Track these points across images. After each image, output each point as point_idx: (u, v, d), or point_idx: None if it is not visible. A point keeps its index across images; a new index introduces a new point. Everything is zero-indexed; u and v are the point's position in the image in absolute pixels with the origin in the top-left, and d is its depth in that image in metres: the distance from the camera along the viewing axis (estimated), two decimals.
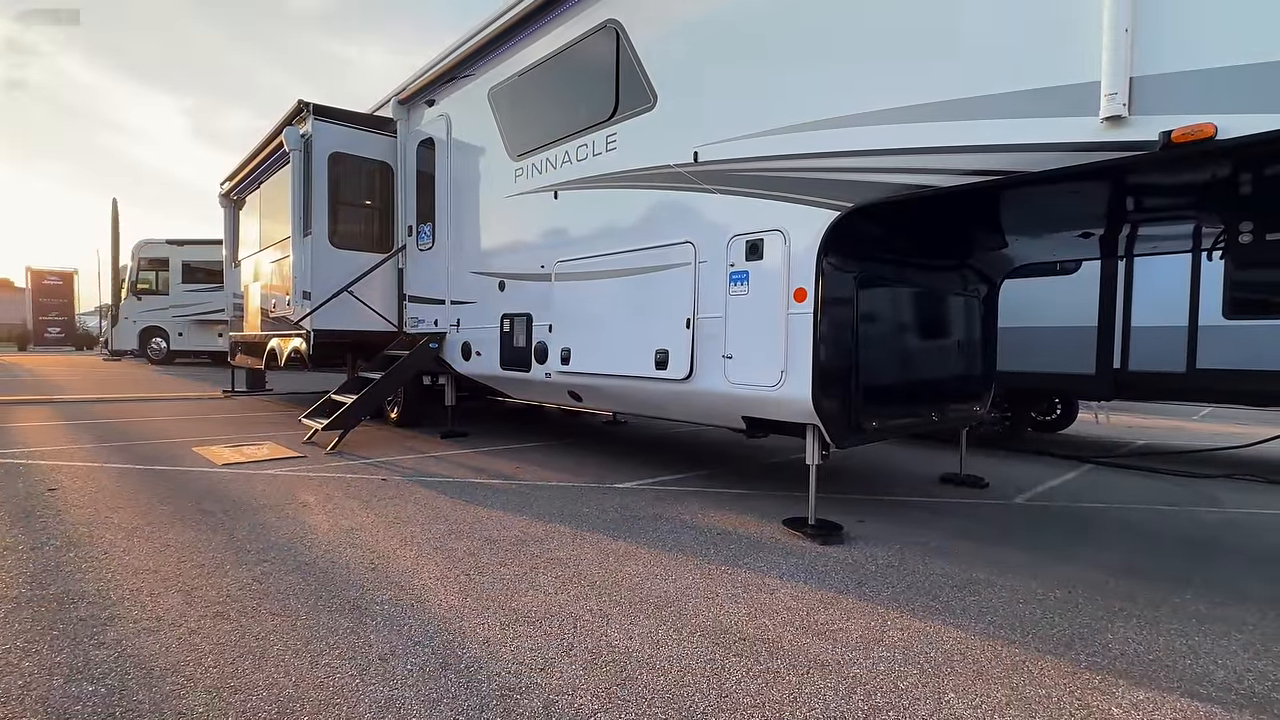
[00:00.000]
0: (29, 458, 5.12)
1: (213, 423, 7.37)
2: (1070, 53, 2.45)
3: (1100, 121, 2.35)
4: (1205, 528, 3.94)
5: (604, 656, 2.14)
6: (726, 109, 3.75)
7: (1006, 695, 1.96)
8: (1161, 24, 2.25)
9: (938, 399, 4.52)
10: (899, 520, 3.88)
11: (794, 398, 3.39)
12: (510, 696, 1.89)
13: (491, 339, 5.71)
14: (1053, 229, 4.14)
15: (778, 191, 3.47)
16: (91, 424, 7.07)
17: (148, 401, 9.39)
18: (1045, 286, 6.23)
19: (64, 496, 3.98)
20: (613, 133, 4.47)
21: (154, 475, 4.64)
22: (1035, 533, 3.74)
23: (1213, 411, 10.53)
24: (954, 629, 2.41)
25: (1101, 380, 6.00)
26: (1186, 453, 6.51)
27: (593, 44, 4.64)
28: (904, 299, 4.20)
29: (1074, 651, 2.25)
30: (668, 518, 3.81)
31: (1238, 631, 2.45)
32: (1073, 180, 2.68)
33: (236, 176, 9.21)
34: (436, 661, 2.07)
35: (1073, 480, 5.22)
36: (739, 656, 2.16)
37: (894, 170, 2.98)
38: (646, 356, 4.17)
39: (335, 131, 6.74)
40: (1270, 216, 2.90)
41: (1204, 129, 2.15)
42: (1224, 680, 2.08)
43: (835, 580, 2.89)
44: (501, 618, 2.41)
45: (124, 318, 18.28)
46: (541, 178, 5.14)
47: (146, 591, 2.58)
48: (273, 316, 7.83)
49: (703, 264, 3.87)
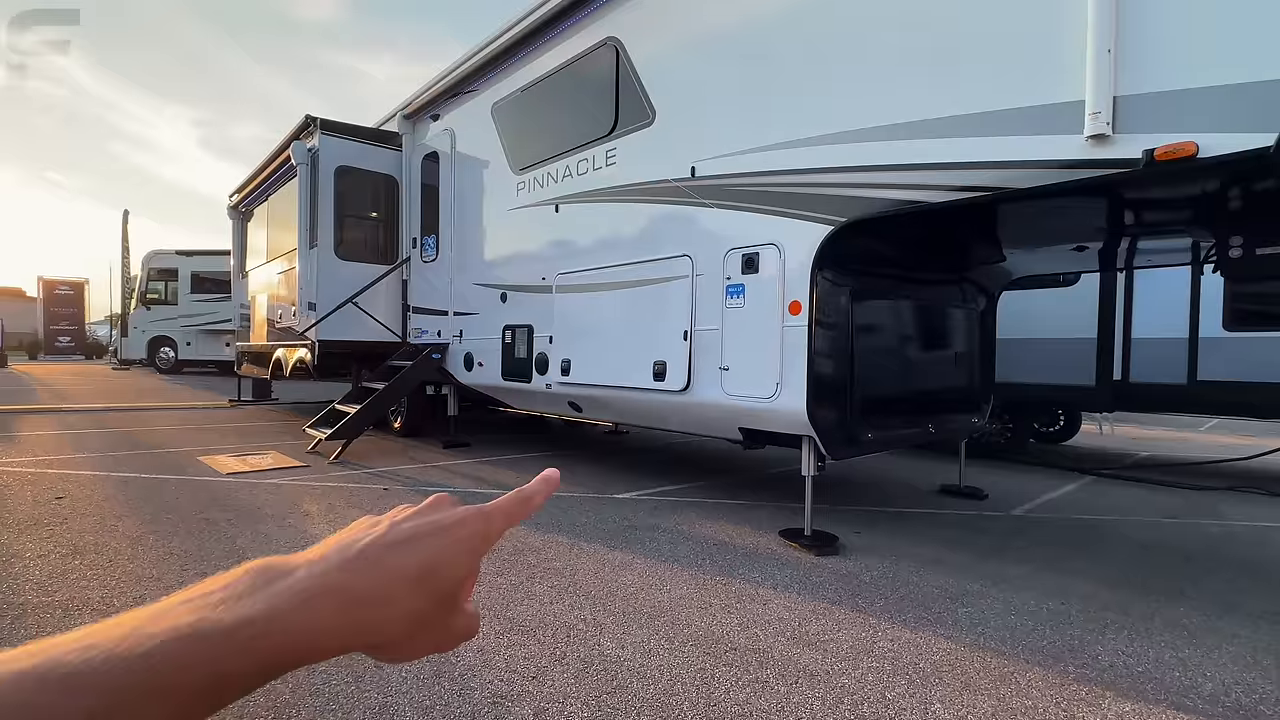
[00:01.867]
0: (37, 466, 5.19)
1: (218, 432, 7.45)
2: (1055, 72, 2.50)
3: (1085, 139, 2.40)
4: (1204, 540, 3.94)
5: (595, 665, 2.17)
6: (723, 125, 3.81)
7: (993, 706, 1.98)
8: (1144, 45, 2.30)
9: (935, 411, 4.54)
10: (896, 532, 3.90)
11: (789, 409, 3.43)
12: (501, 704, 1.92)
13: (493, 350, 5.77)
14: (1047, 243, 4.17)
15: (773, 206, 3.52)
16: (99, 433, 7.16)
17: (155, 411, 9.49)
18: (1045, 298, 6.25)
19: (71, 505, 4.04)
20: (612, 148, 4.55)
21: (159, 484, 4.71)
22: (1033, 545, 3.74)
23: (1219, 424, 10.48)
24: (944, 640, 2.43)
25: (1102, 392, 6.00)
26: (1189, 465, 6.48)
27: (593, 61, 4.73)
28: (900, 311, 4.24)
29: (1063, 663, 2.27)
30: (665, 528, 3.84)
31: (1229, 644, 2.46)
32: (1060, 197, 2.72)
33: (245, 189, 9.36)
34: (430, 669, 2.11)
35: (1073, 492, 5.22)
36: (729, 666, 2.19)
37: (886, 186, 3.03)
38: (645, 368, 4.21)
39: (341, 145, 6.86)
40: (1260, 231, 2.93)
41: (1185, 147, 2.19)
42: (1211, 692, 2.09)
43: (829, 591, 2.91)
44: (496, 626, 2.45)
45: (133, 327, 18.48)
46: (543, 191, 5.22)
47: (149, 599, 2.61)
48: (279, 327, 7.93)
49: (700, 277, 3.92)
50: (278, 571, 0.33)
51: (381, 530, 0.36)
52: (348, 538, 0.36)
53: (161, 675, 0.27)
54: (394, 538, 0.35)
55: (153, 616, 0.29)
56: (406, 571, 0.34)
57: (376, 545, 0.35)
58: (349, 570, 0.33)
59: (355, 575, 0.33)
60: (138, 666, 0.27)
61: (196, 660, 0.28)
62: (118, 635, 0.28)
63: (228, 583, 0.32)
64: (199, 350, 18.05)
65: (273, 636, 0.30)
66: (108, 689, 0.26)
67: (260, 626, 0.30)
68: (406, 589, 0.34)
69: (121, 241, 20.19)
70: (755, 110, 3.64)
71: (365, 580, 0.33)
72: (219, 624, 0.29)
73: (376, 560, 0.34)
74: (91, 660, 0.26)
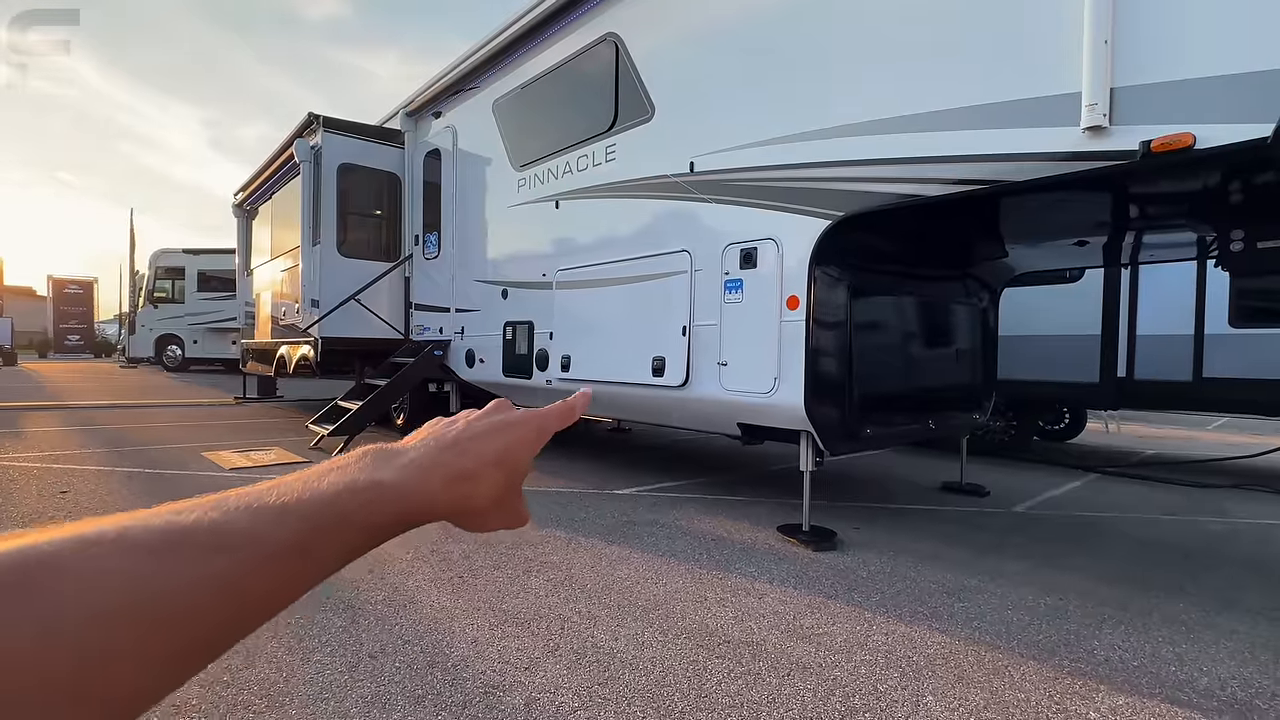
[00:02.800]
0: (43, 462, 5.24)
1: (223, 428, 7.50)
2: (1052, 64, 2.48)
3: (1082, 131, 2.38)
4: (1206, 537, 3.91)
5: (588, 656, 2.17)
6: (721, 120, 3.81)
7: (985, 699, 1.97)
8: (1140, 36, 2.29)
9: (936, 407, 4.52)
10: (895, 528, 3.89)
11: (787, 404, 3.42)
12: (493, 694, 1.93)
13: (494, 346, 5.78)
14: (1047, 237, 4.15)
15: (771, 201, 3.52)
16: (105, 429, 7.22)
17: (161, 408, 9.56)
18: (1049, 294, 6.20)
19: (75, 499, 4.08)
20: (612, 143, 4.55)
21: (163, 479, 4.74)
22: (1033, 541, 3.73)
23: (1227, 422, 10.39)
24: (939, 634, 2.42)
25: (1106, 389, 5.96)
26: (1194, 462, 6.43)
27: (593, 57, 4.73)
28: (900, 307, 4.22)
29: (1058, 657, 2.26)
30: (664, 523, 3.84)
31: (1226, 639, 2.44)
32: (1057, 190, 2.71)
33: (249, 187, 9.41)
34: (424, 660, 2.12)
35: (1076, 489, 5.19)
36: (722, 658, 2.19)
37: (883, 180, 3.02)
38: (644, 364, 4.21)
39: (344, 143, 6.89)
40: (1262, 224, 2.91)
41: (1183, 138, 2.17)
42: (1206, 687, 2.08)
43: (825, 586, 2.90)
44: (491, 619, 2.45)
45: (140, 325, 18.61)
46: (543, 188, 5.22)
47: None
48: (282, 324, 7.97)
49: (698, 272, 3.92)
50: (393, 452, 0.40)
51: (461, 427, 0.44)
52: (436, 431, 0.44)
53: (343, 513, 0.35)
54: (475, 431, 0.44)
55: (312, 479, 0.36)
56: (487, 456, 0.42)
57: (463, 437, 0.43)
58: (449, 453, 0.41)
59: (454, 457, 0.41)
60: (327, 505, 0.35)
61: (362, 506, 0.36)
62: (298, 488, 0.35)
63: (357, 459, 0.39)
64: (205, 348, 18.15)
65: (407, 498, 0.38)
66: (308, 517, 0.34)
67: (396, 489, 0.38)
68: (489, 469, 0.42)
69: (129, 241, 20.33)
70: (753, 105, 3.64)
71: (461, 460, 0.41)
72: (373, 481, 0.37)
73: (465, 447, 0.42)
74: (289, 499, 0.34)
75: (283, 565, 0.32)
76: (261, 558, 0.31)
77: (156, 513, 0.31)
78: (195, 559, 0.30)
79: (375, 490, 0.37)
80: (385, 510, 0.37)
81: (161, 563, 0.29)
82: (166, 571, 0.28)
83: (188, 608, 0.28)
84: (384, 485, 0.37)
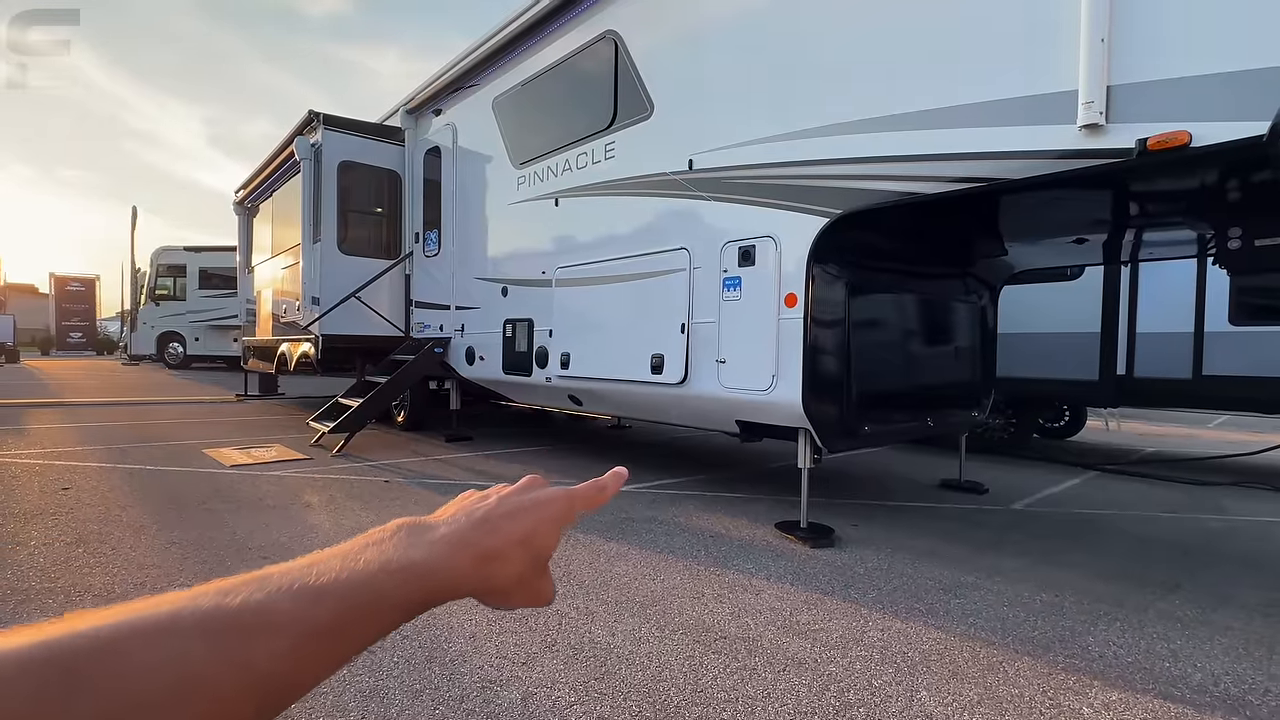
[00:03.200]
0: (44, 458, 5.27)
1: (224, 425, 7.53)
2: (1048, 62, 2.48)
3: (1078, 129, 2.38)
4: (1204, 534, 3.92)
5: (585, 652, 2.19)
6: (720, 117, 3.81)
7: (979, 694, 1.98)
8: (1137, 34, 2.29)
9: (934, 404, 4.53)
10: (893, 525, 3.90)
11: (785, 401, 3.43)
12: (490, 688, 1.94)
13: (494, 344, 5.80)
14: (1046, 235, 4.15)
15: (769, 198, 3.52)
16: (107, 426, 7.24)
17: (162, 405, 9.59)
18: (1048, 292, 6.20)
19: (76, 495, 4.10)
20: (611, 141, 4.55)
21: (164, 476, 4.77)
22: (1030, 538, 3.73)
23: (1228, 420, 10.38)
24: (935, 630, 2.43)
25: (1105, 386, 5.96)
26: (1194, 460, 6.44)
27: (592, 54, 4.73)
28: (899, 305, 4.23)
29: (1052, 653, 2.27)
30: (662, 520, 3.85)
31: (1221, 635, 2.45)
32: (1054, 187, 2.71)
33: (250, 185, 9.42)
34: (422, 655, 2.14)
35: (1075, 487, 5.19)
36: (718, 654, 2.20)
37: (880, 178, 3.03)
38: (643, 361, 4.23)
39: (344, 141, 6.89)
40: (1259, 222, 2.91)
41: (1179, 136, 2.18)
42: (1200, 682, 2.09)
43: (822, 582, 2.92)
44: (488, 614, 2.47)
45: (142, 323, 18.65)
46: (543, 185, 5.23)
47: (150, 586, 2.67)
48: (283, 321, 7.99)
49: (697, 270, 3.93)
50: (425, 526, 0.42)
51: (492, 503, 0.45)
52: (466, 505, 0.45)
53: (379, 595, 0.36)
54: (505, 509, 0.44)
55: (349, 555, 0.38)
56: (515, 536, 0.43)
57: (494, 514, 0.44)
58: (478, 531, 0.42)
59: (483, 535, 0.42)
60: (362, 587, 0.36)
61: (396, 587, 0.37)
62: (336, 566, 0.36)
63: (391, 534, 0.40)
64: (207, 345, 18.19)
65: (435, 576, 0.39)
66: (345, 598, 0.35)
67: (426, 567, 0.39)
68: (516, 550, 0.43)
69: (131, 238, 20.36)
70: (752, 102, 3.64)
71: (490, 540, 0.42)
72: (406, 563, 0.38)
73: (495, 526, 0.43)
74: (326, 580, 0.35)
75: (319, 645, 0.34)
76: (301, 637, 0.33)
77: (204, 592, 0.33)
78: (241, 643, 0.31)
79: (410, 570, 0.38)
80: (416, 588, 0.38)
81: (211, 648, 0.30)
82: (214, 657, 0.30)
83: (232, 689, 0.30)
84: (416, 565, 0.38)
